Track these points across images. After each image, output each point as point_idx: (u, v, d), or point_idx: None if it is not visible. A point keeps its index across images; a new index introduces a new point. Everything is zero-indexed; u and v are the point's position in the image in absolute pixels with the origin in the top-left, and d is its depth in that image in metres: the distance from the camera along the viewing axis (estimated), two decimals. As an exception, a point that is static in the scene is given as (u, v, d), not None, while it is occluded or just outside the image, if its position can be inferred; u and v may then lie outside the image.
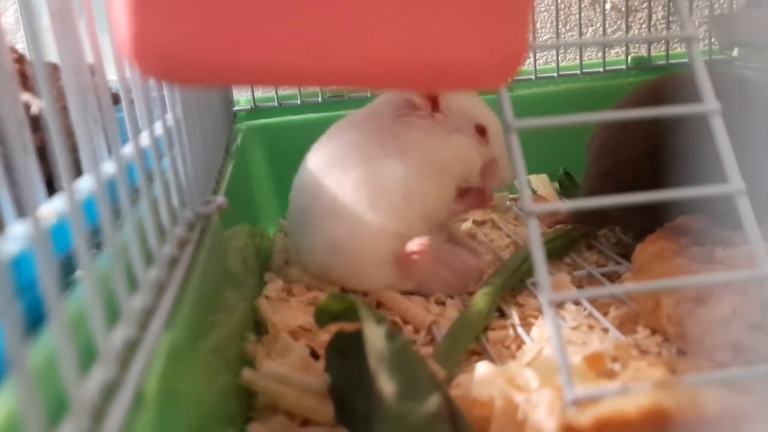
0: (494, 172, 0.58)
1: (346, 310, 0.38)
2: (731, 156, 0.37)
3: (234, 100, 0.85)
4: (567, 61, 1.00)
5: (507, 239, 0.71)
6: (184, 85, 0.42)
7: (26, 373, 0.18)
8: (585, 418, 0.30)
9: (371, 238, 0.55)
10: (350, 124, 0.60)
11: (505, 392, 0.35)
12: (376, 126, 0.58)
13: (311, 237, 0.57)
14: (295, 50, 0.26)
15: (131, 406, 0.23)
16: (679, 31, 0.40)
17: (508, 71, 0.29)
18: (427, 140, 0.56)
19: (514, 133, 0.37)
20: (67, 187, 0.24)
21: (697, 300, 0.43)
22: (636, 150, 0.57)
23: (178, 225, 0.38)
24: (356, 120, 0.60)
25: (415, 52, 0.26)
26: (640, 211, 0.46)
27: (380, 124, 0.58)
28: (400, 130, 0.57)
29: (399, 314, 0.54)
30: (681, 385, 0.31)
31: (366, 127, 0.58)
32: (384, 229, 0.55)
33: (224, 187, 0.53)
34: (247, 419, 0.40)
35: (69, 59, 0.26)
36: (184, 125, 0.41)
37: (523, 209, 0.36)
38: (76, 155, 0.26)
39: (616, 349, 0.41)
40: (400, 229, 0.56)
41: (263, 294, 0.56)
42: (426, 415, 0.31)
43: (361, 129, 0.58)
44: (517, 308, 0.53)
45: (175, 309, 0.31)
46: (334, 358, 0.39)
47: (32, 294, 0.23)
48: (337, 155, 0.58)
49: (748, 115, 0.51)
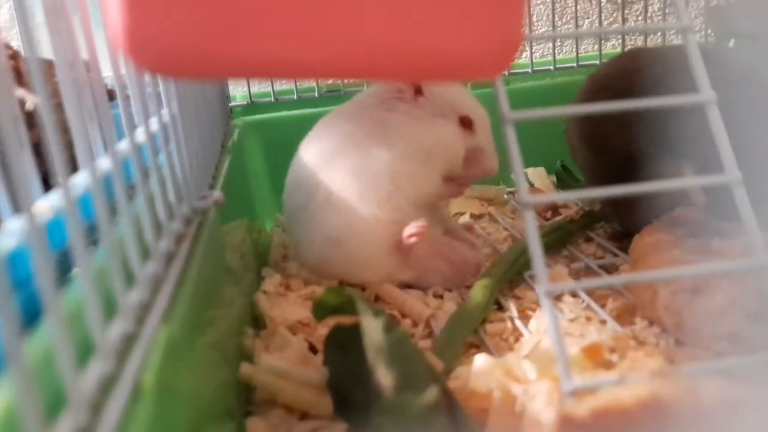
0: (479, 161, 0.58)
1: (344, 303, 0.38)
2: (728, 146, 0.37)
3: (230, 95, 0.85)
4: (563, 54, 1.00)
5: (504, 232, 0.71)
6: (179, 78, 0.42)
7: (23, 367, 0.18)
8: (583, 409, 0.30)
9: (367, 227, 0.56)
10: (338, 117, 0.61)
11: (503, 384, 0.35)
12: (362, 116, 0.58)
13: (309, 232, 0.57)
14: (290, 42, 0.26)
15: (129, 400, 0.23)
16: (676, 22, 0.40)
17: (504, 63, 0.29)
18: (411, 124, 0.57)
19: (510, 126, 0.37)
20: (62, 182, 0.24)
21: (694, 290, 0.43)
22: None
23: (174, 220, 0.38)
24: (343, 112, 0.61)
25: (410, 44, 0.26)
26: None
27: (366, 114, 0.58)
28: (385, 117, 0.57)
29: (397, 308, 0.54)
30: (678, 375, 0.31)
31: (353, 117, 0.59)
32: (377, 216, 0.55)
33: (221, 182, 0.53)
34: (246, 413, 0.40)
35: (64, 55, 0.26)
36: (180, 121, 0.41)
37: (520, 201, 0.36)
38: (71, 151, 0.26)
39: (613, 340, 0.41)
40: (392, 215, 0.56)
41: (261, 289, 0.56)
42: (424, 407, 0.31)
43: (348, 120, 0.59)
44: (514, 301, 0.53)
45: (172, 303, 0.31)
46: (332, 352, 0.39)
47: (29, 289, 0.23)
48: (326, 148, 0.58)
49: (743, 104, 0.51)
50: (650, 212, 0.53)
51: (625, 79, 0.57)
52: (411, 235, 0.55)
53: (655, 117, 0.53)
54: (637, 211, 0.55)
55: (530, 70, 0.87)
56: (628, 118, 0.53)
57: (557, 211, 0.76)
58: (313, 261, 0.58)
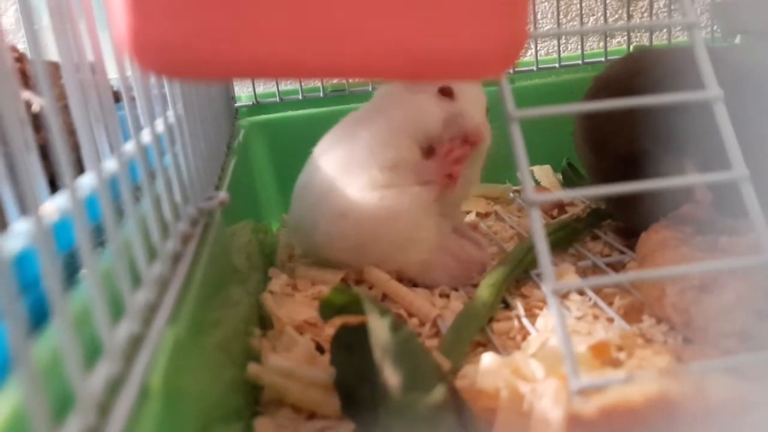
0: (458, 124, 0.58)
1: (351, 302, 0.38)
2: (735, 143, 0.37)
3: (235, 96, 0.85)
4: (568, 51, 1.00)
5: (511, 231, 0.71)
6: (184, 79, 0.42)
7: (31, 369, 0.18)
8: (590, 407, 0.30)
9: (374, 206, 0.57)
10: (352, 118, 0.63)
11: (510, 383, 0.35)
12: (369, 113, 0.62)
13: (327, 229, 0.58)
14: (294, 42, 0.26)
15: (136, 400, 0.23)
16: (681, 18, 0.40)
17: (508, 60, 0.28)
18: (389, 102, 0.60)
19: (515, 124, 0.37)
20: (69, 184, 0.24)
21: (702, 288, 0.43)
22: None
23: (180, 221, 0.38)
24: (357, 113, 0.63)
25: (414, 42, 0.26)
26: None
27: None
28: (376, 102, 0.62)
29: (404, 307, 0.54)
30: (686, 373, 0.31)
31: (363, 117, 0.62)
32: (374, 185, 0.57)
33: (227, 183, 0.54)
34: (254, 413, 0.40)
35: (69, 58, 0.26)
36: (185, 122, 0.41)
37: (526, 199, 0.36)
38: (78, 153, 0.26)
39: (621, 339, 0.41)
40: (385, 181, 0.57)
41: (268, 289, 0.56)
42: (431, 406, 0.31)
43: (358, 120, 0.62)
44: (521, 299, 0.53)
45: (179, 304, 0.31)
46: (339, 352, 0.39)
47: (36, 291, 0.23)
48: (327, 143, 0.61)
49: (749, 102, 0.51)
50: (655, 211, 0.53)
51: (630, 79, 0.57)
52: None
53: (659, 116, 0.52)
54: (641, 211, 0.55)
55: (535, 67, 0.87)
56: (632, 117, 0.53)
57: (563, 209, 0.75)
58: (337, 257, 0.58)
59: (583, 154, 0.65)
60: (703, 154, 0.44)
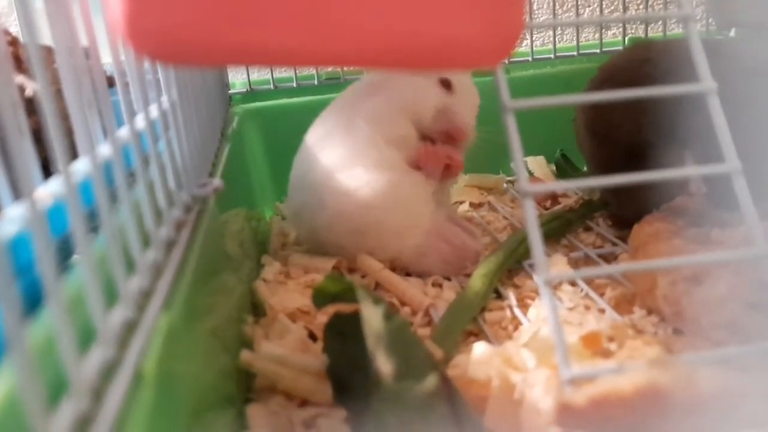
0: (449, 119, 0.59)
1: (344, 291, 0.38)
2: (728, 135, 0.37)
3: (230, 83, 0.84)
4: (564, 42, 1.00)
5: (504, 221, 0.71)
6: (179, 65, 0.42)
7: (25, 354, 0.18)
8: (581, 397, 0.30)
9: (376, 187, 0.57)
10: (344, 100, 0.64)
11: (502, 372, 0.35)
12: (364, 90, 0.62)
13: (326, 213, 0.58)
14: (289, 30, 0.25)
15: (130, 386, 0.23)
16: (677, 10, 0.40)
17: (504, 50, 0.28)
18: (390, 79, 0.60)
19: (510, 114, 0.37)
20: (63, 169, 0.24)
21: (694, 279, 0.43)
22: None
23: (174, 207, 0.38)
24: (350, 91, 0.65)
25: (410, 32, 0.26)
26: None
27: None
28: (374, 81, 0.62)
29: (396, 296, 0.54)
30: (677, 363, 0.31)
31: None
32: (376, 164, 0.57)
33: (220, 170, 0.53)
34: (246, 400, 0.40)
35: (63, 42, 0.26)
36: (179, 108, 0.41)
37: (519, 190, 0.36)
38: (71, 138, 0.26)
39: (612, 329, 0.41)
40: (392, 159, 0.58)
41: (261, 277, 0.56)
42: (423, 395, 0.31)
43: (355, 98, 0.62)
44: (514, 289, 0.53)
45: (172, 290, 0.31)
46: (332, 339, 0.39)
47: (30, 276, 0.23)
48: (332, 128, 0.61)
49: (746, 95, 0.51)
50: (651, 201, 0.53)
51: (632, 70, 0.57)
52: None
53: (660, 107, 0.53)
54: (638, 201, 0.55)
55: (530, 58, 0.87)
56: (634, 108, 0.53)
57: (557, 200, 0.76)
58: (338, 242, 0.58)
59: (584, 142, 0.65)
60: (704, 147, 0.44)
